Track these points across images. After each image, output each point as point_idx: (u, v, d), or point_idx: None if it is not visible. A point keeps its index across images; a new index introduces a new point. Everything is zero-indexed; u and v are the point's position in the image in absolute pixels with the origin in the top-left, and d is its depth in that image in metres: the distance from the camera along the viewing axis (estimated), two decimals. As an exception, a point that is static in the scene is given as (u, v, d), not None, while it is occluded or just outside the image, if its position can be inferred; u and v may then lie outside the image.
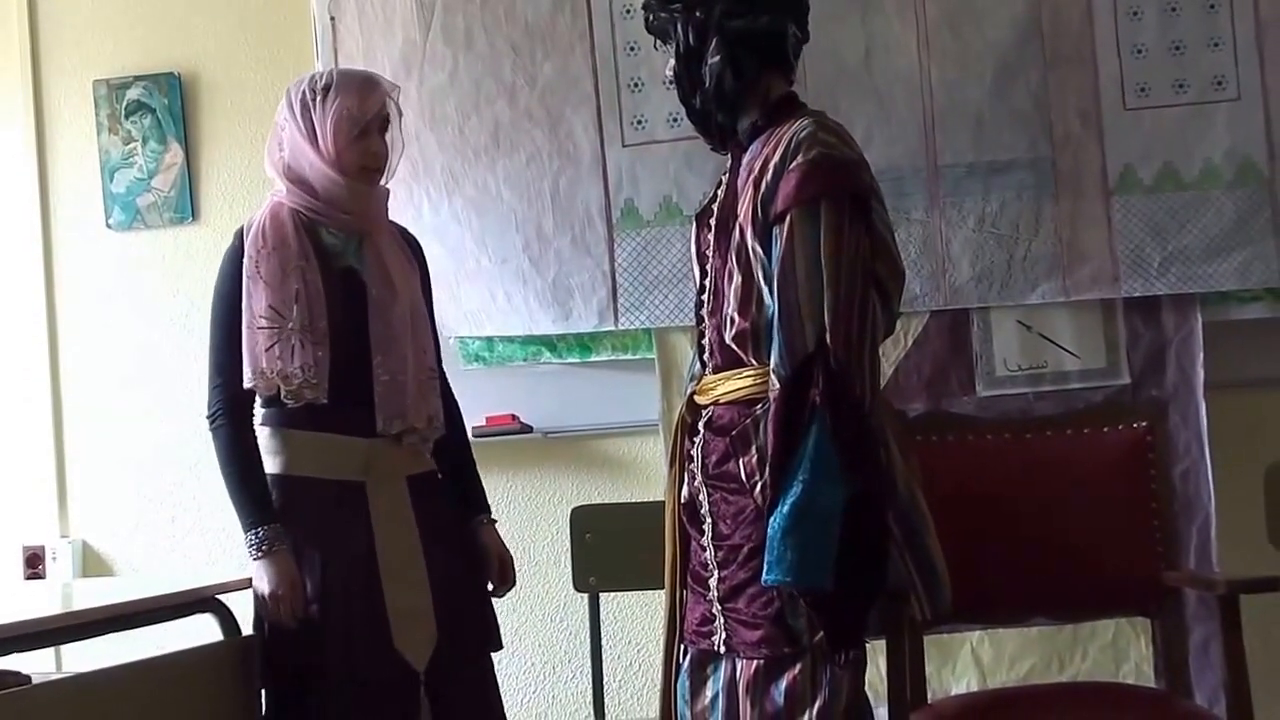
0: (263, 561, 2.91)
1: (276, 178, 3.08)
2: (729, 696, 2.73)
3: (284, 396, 2.94)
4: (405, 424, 3.00)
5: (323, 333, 2.95)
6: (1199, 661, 3.54)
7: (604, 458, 4.08)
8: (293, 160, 3.04)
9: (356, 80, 3.06)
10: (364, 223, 3.06)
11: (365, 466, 2.99)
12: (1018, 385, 3.80)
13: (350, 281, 3.02)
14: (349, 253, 3.04)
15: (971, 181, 3.79)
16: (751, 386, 2.72)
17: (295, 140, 3.02)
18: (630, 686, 4.06)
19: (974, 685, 3.73)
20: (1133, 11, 3.76)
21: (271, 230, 3.00)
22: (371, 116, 3.01)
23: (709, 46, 2.78)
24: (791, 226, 2.63)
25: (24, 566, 4.29)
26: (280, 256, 2.97)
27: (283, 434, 3.01)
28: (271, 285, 2.95)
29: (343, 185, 3.00)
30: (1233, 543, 3.68)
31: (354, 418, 2.97)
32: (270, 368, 2.93)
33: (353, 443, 2.98)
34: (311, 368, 2.93)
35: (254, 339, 2.94)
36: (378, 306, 3.01)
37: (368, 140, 3.01)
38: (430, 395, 3.07)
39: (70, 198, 4.36)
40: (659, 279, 3.89)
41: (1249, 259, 3.72)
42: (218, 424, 3.01)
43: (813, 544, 2.52)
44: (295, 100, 3.03)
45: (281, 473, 3.00)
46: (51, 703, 2.60)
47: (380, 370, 2.98)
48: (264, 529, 2.93)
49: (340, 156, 2.99)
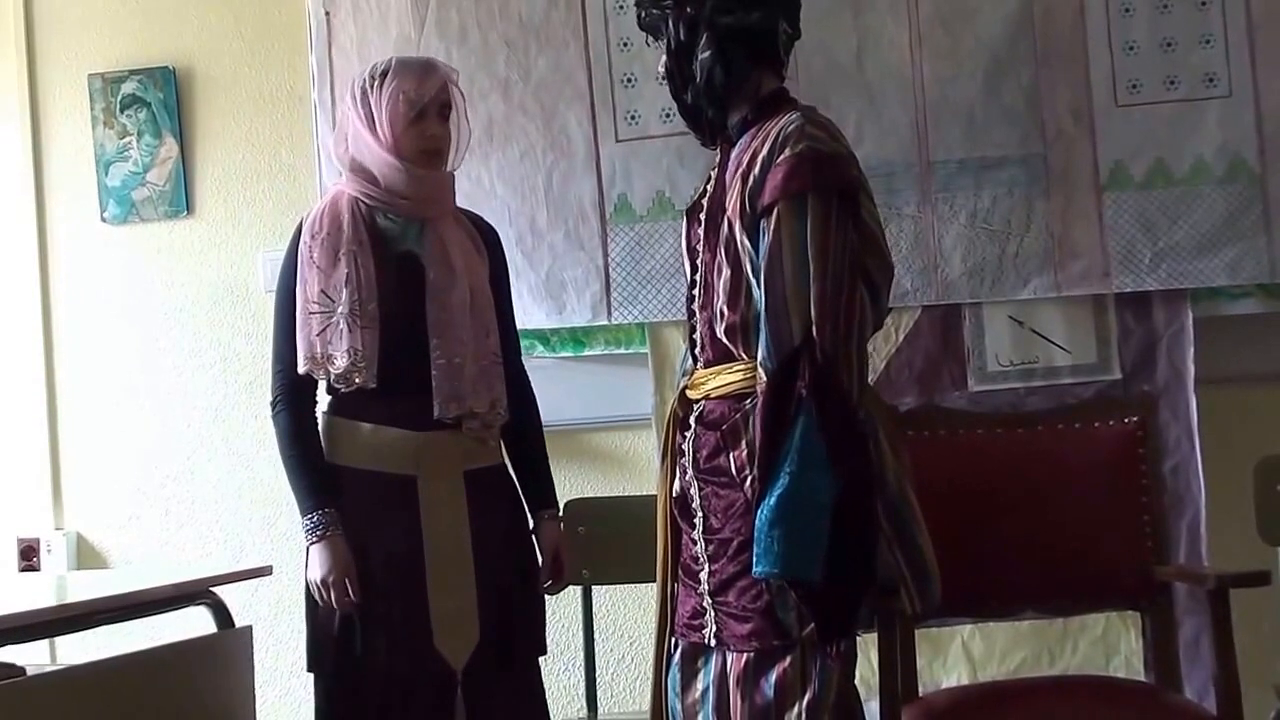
0: (318, 546, 2.91)
1: (342, 170, 3.08)
2: (720, 689, 2.74)
3: (334, 380, 2.95)
4: (463, 408, 2.97)
5: (372, 316, 2.94)
6: (1189, 655, 3.55)
7: (597, 452, 4.08)
8: (354, 149, 3.04)
9: (414, 64, 3.07)
10: (424, 207, 3.04)
11: (418, 460, 2.97)
12: (1009, 380, 3.81)
13: (408, 266, 3.01)
14: (408, 237, 3.03)
15: (963, 177, 3.80)
16: (742, 381, 2.73)
17: (357, 129, 3.03)
18: (623, 679, 4.07)
19: (965, 679, 3.74)
20: (1124, 8, 3.78)
21: (327, 217, 3.01)
22: (429, 99, 3.00)
23: (700, 42, 2.78)
24: (778, 220, 2.64)
25: (18, 559, 4.29)
26: (332, 241, 2.98)
27: (337, 423, 3.01)
28: (323, 270, 2.96)
29: (401, 170, 2.99)
30: (1223, 537, 3.69)
31: (412, 406, 2.96)
32: (321, 352, 2.94)
33: (405, 435, 2.97)
34: (359, 351, 2.92)
35: (307, 324, 2.96)
36: (435, 290, 2.99)
37: (425, 123, 3.00)
38: (494, 380, 3.03)
39: (65, 191, 4.35)
40: (652, 273, 3.90)
41: (1239, 255, 3.74)
42: (278, 410, 3.01)
43: (801, 535, 2.53)
44: (356, 89, 3.04)
45: (334, 463, 3.00)
46: (46, 694, 2.61)
47: (437, 354, 2.97)
48: (320, 513, 2.93)
49: (398, 140, 2.99)
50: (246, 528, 4.20)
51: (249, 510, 4.20)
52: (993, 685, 3.48)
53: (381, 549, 2.95)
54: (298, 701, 3.97)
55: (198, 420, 4.26)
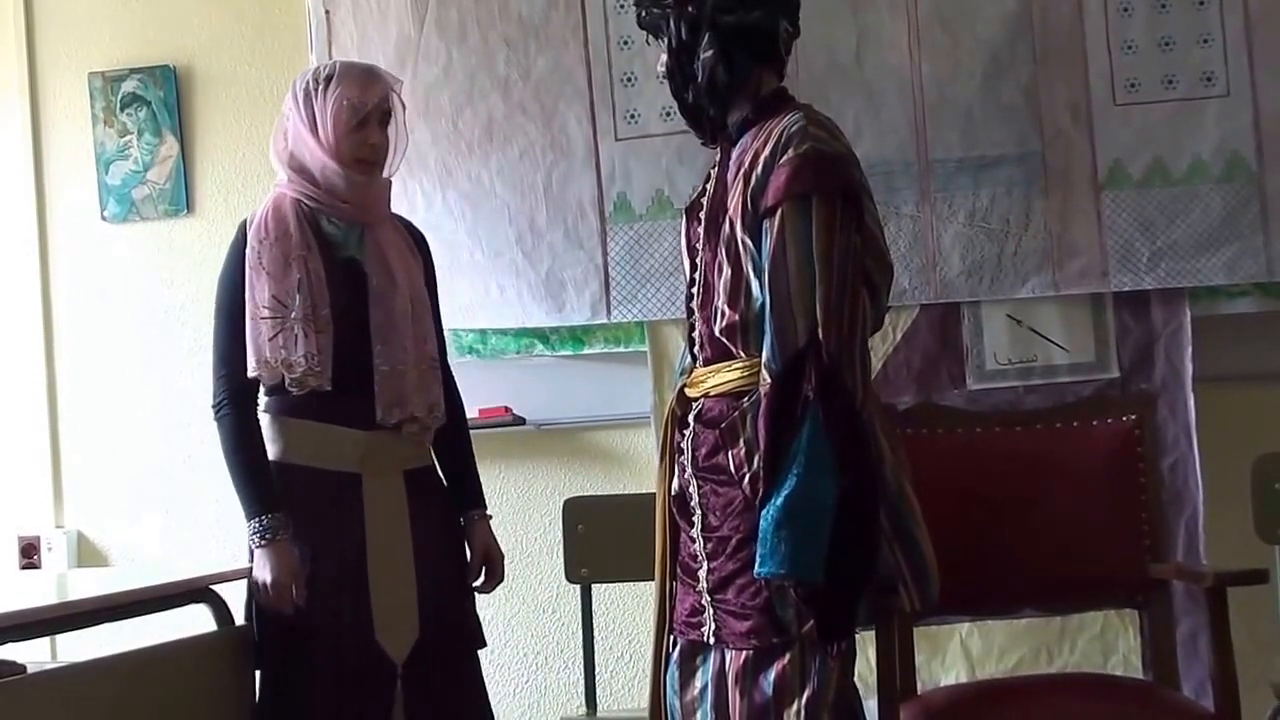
0: (265, 550, 2.93)
1: (280, 167, 3.09)
2: (718, 687, 2.74)
3: (288, 385, 2.95)
4: (404, 413, 3.01)
5: (325, 320, 2.96)
6: (1187, 653, 3.55)
7: (596, 450, 4.09)
8: (295, 149, 3.05)
9: (358, 71, 3.08)
10: (363, 213, 3.07)
11: (361, 458, 3.00)
12: (1007, 379, 3.82)
13: (352, 271, 3.04)
14: (350, 243, 3.06)
15: (962, 176, 3.81)
16: (740, 379, 2.73)
17: (297, 129, 3.04)
18: (622, 677, 4.07)
19: (963, 677, 3.75)
20: (1123, 8, 3.78)
21: (274, 221, 3.02)
22: (371, 107, 3.03)
23: (701, 41, 2.78)
24: (782, 221, 2.64)
25: (19, 556, 4.30)
26: (282, 247, 2.99)
27: (281, 422, 3.02)
28: (274, 275, 2.97)
29: (341, 174, 3.01)
30: (1220, 535, 3.70)
31: (354, 408, 2.98)
32: (274, 357, 2.94)
33: (350, 434, 2.99)
34: (315, 356, 2.94)
35: (257, 329, 2.96)
36: (378, 296, 3.02)
37: (366, 131, 3.03)
38: (431, 385, 3.07)
39: (65, 190, 4.36)
40: (651, 272, 3.91)
41: (1237, 254, 3.74)
42: (222, 413, 3.02)
43: (805, 537, 2.53)
44: (299, 90, 3.05)
45: (278, 460, 3.01)
46: (46, 692, 2.61)
47: (380, 359, 2.99)
48: (267, 517, 2.94)
49: (338, 145, 3.01)
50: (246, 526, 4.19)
51: (249, 508, 4.19)
52: (991, 683, 3.48)
53: (326, 545, 2.97)
54: (298, 699, 3.97)
55: (198, 419, 4.23)
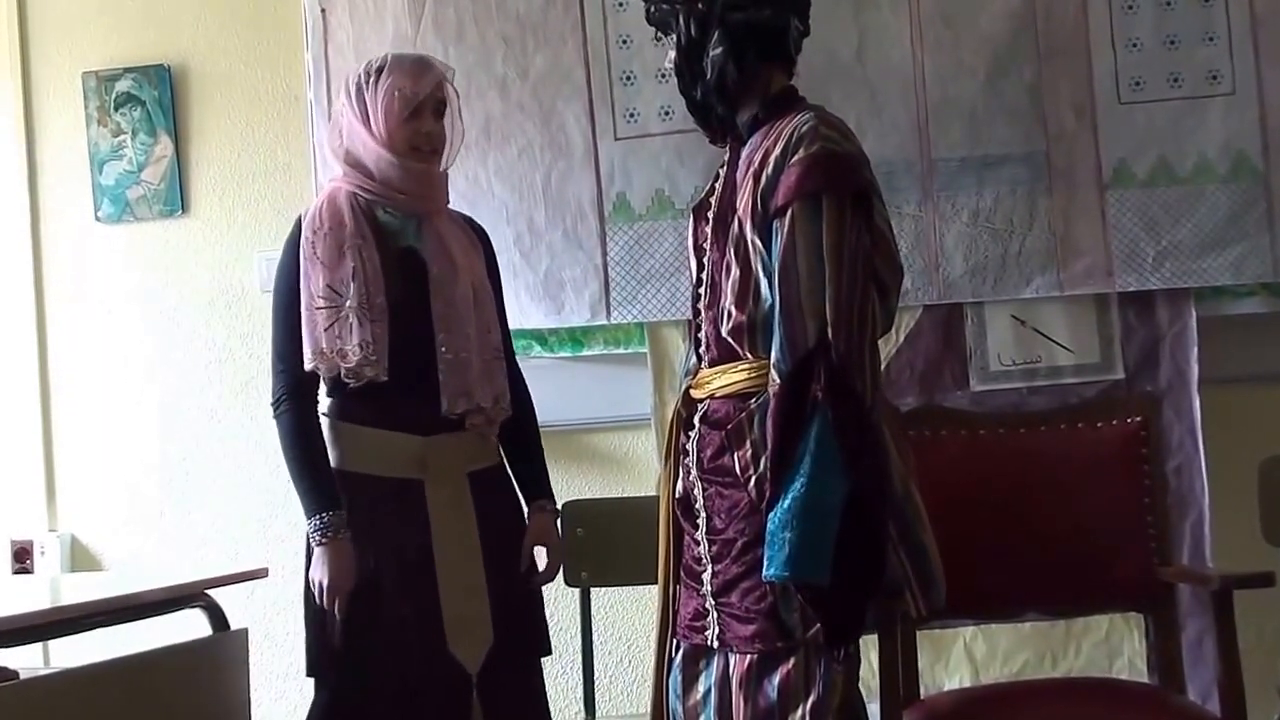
0: (324, 548, 2.89)
1: (335, 163, 3.08)
2: (722, 691, 2.72)
3: (344, 375, 2.92)
4: (470, 403, 2.98)
5: (381, 309, 2.93)
6: (1193, 657, 3.54)
7: (595, 452, 4.07)
8: (349, 143, 3.04)
9: (409, 61, 3.07)
10: (421, 203, 3.05)
11: (423, 464, 2.97)
12: (1011, 380, 3.80)
13: (410, 261, 3.01)
14: (408, 233, 3.04)
15: (965, 176, 3.79)
16: (747, 380, 2.71)
17: (351, 123, 3.04)
18: (621, 681, 4.05)
19: (967, 681, 3.73)
20: (1127, 5, 3.77)
21: (328, 212, 3.00)
22: (424, 97, 3.01)
23: (711, 38, 2.77)
24: (793, 221, 2.62)
25: (12, 561, 4.27)
26: (336, 236, 2.97)
27: (340, 428, 2.99)
28: (328, 264, 2.95)
29: (396, 164, 3.00)
30: (1226, 538, 3.69)
31: (414, 408, 2.95)
32: (330, 346, 2.92)
33: (410, 440, 2.96)
34: (370, 344, 2.91)
35: (313, 319, 2.94)
36: (439, 284, 3.00)
37: (420, 120, 3.02)
38: (497, 375, 3.05)
39: (59, 190, 4.34)
40: (651, 273, 3.89)
41: (1243, 254, 3.73)
42: (281, 410, 2.98)
43: (812, 539, 2.51)
44: (351, 84, 3.05)
45: (339, 468, 2.98)
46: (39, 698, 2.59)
47: (444, 349, 2.97)
48: (327, 515, 2.90)
49: (392, 136, 2.99)
50: (242, 530, 4.18)
51: (244, 512, 4.17)
52: (995, 687, 3.49)
53: (389, 554, 2.93)
54: (293, 704, 3.95)
55: (193, 422, 4.24)
